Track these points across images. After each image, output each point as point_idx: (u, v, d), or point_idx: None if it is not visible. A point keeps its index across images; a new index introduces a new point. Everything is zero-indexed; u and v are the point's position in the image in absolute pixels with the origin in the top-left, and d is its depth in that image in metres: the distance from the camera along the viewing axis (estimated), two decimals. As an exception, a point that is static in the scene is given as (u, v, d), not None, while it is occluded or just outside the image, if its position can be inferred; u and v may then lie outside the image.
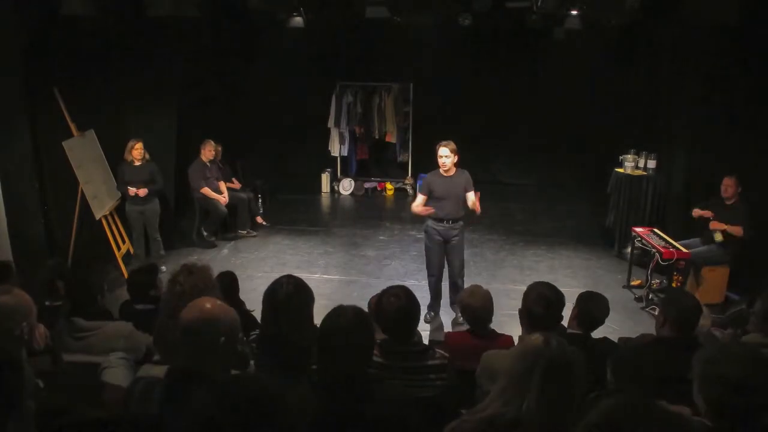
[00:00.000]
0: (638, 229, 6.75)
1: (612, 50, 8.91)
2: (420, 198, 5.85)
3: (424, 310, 5.87)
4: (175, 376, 2.22)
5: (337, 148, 10.51)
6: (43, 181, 6.34)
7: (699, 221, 6.48)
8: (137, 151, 7.00)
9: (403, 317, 2.93)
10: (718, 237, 6.16)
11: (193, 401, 1.67)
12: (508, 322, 4.49)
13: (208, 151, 7.98)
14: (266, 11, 7.36)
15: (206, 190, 7.94)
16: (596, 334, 3.61)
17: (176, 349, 2.26)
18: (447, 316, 6.04)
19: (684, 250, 6.18)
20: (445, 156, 5.66)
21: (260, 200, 9.41)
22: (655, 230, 6.67)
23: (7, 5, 5.69)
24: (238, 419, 1.78)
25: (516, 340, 3.71)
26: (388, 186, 10.71)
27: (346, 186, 10.74)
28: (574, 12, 6.99)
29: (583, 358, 2.93)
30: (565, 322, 3.48)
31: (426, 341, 3.92)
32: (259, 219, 8.91)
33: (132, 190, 6.92)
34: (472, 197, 5.69)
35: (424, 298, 3.18)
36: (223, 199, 8.05)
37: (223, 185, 8.22)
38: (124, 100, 7.40)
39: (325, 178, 10.77)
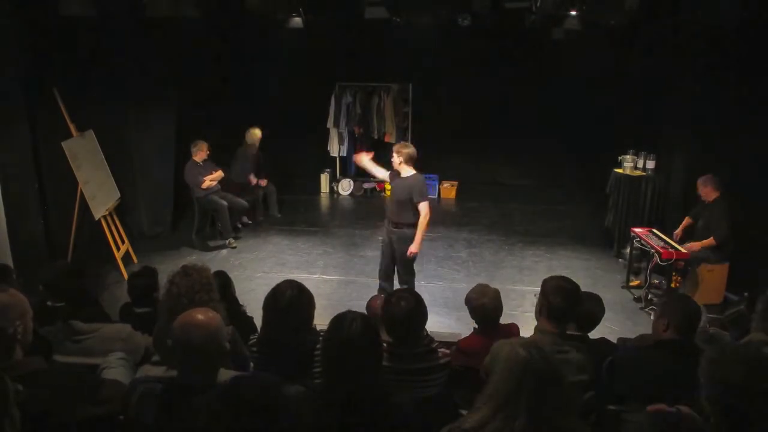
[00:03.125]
0: (637, 230, 6.75)
1: (611, 50, 8.91)
2: (379, 169, 5.75)
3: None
4: (173, 388, 2.22)
5: (336, 149, 10.53)
6: (43, 181, 6.35)
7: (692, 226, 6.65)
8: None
9: (411, 321, 2.93)
10: None
11: (194, 404, 1.67)
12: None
13: (203, 152, 7.92)
14: (265, 11, 7.36)
15: (206, 183, 7.89)
16: (595, 334, 3.62)
17: (174, 353, 2.27)
18: (449, 318, 6.02)
19: (683, 250, 6.19)
20: (396, 152, 5.52)
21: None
22: (654, 231, 6.67)
23: (7, 5, 5.70)
24: (238, 420, 1.78)
25: (521, 332, 3.70)
26: (387, 186, 10.61)
27: (345, 186, 10.75)
28: (573, 12, 6.99)
29: (575, 359, 2.95)
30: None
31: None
32: (244, 219, 8.77)
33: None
34: (422, 209, 5.32)
35: (426, 299, 3.16)
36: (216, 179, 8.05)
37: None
38: (124, 100, 7.39)
39: (324, 178, 10.77)
